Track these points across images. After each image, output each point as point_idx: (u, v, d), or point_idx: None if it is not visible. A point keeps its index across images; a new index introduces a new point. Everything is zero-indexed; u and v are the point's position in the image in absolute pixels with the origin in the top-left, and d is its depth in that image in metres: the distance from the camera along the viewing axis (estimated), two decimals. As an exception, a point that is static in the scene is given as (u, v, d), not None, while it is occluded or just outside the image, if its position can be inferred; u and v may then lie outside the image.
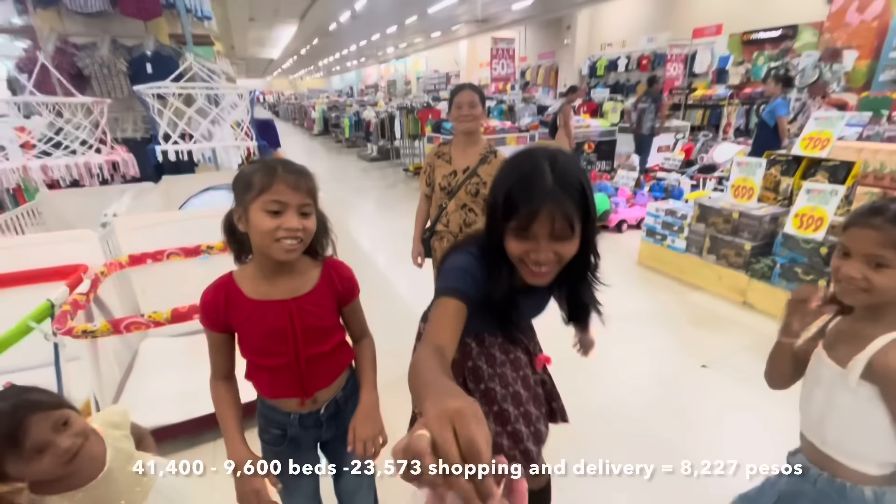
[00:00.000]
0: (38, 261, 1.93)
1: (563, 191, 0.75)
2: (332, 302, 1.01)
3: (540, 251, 0.79)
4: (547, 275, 0.82)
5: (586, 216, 0.79)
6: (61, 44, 3.25)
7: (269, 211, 0.84)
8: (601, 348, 1.49)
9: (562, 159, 0.79)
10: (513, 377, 1.12)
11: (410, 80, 21.42)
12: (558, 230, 0.77)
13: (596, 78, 11.72)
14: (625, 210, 4.64)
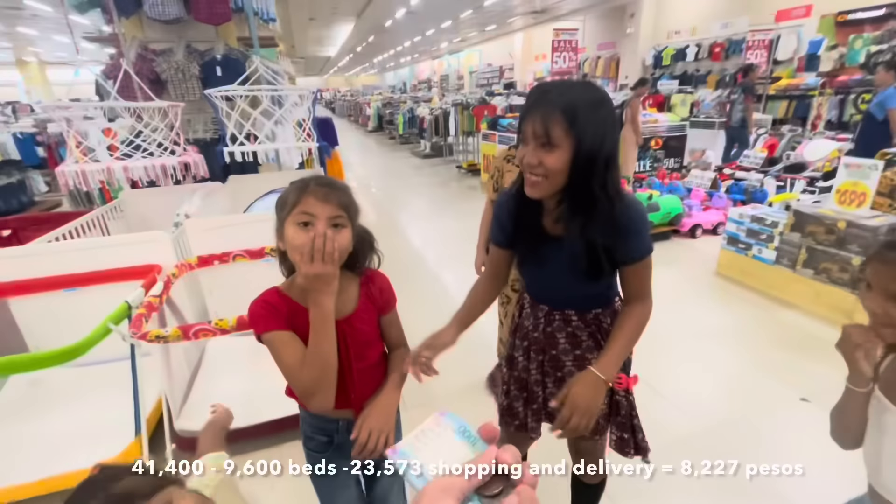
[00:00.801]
0: (118, 260, 2.03)
1: (555, 101, 0.87)
2: (374, 314, 1.02)
3: (528, 153, 0.90)
4: (538, 185, 0.92)
5: (578, 140, 0.87)
6: (142, 50, 3.43)
7: (300, 224, 0.85)
8: (675, 366, 1.37)
9: (563, 85, 0.90)
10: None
11: (463, 74, 21.27)
12: (538, 133, 0.87)
13: (661, 69, 11.00)
14: (699, 213, 4.27)
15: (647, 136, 5.83)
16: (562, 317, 1.11)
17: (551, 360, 1.14)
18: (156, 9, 3.28)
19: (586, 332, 1.11)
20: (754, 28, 7.96)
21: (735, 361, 2.47)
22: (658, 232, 4.14)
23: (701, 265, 3.64)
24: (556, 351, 1.13)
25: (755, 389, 2.25)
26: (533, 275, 1.12)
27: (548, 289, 1.13)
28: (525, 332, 1.18)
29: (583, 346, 1.11)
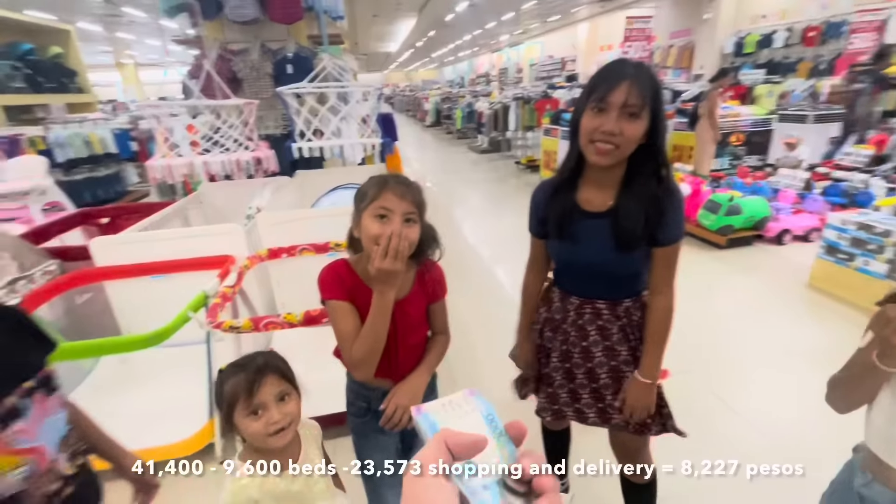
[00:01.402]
0: (198, 249, 2.15)
1: (641, 75, 0.93)
2: (424, 301, 1.11)
3: (609, 122, 0.93)
4: (609, 153, 0.96)
5: (655, 115, 0.95)
6: (222, 51, 3.63)
7: (377, 216, 0.94)
8: (753, 383, 1.35)
9: (644, 64, 0.97)
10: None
11: (523, 67, 20.83)
12: (630, 103, 0.92)
13: (742, 57, 10.08)
14: (788, 218, 3.85)
15: (727, 132, 5.36)
16: (592, 310, 1.14)
17: (582, 352, 1.16)
18: (235, 11, 3.45)
19: (617, 326, 1.13)
20: (861, 7, 7.06)
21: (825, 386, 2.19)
22: (738, 237, 3.79)
23: (789, 275, 3.28)
24: (586, 343, 1.16)
25: (849, 420, 1.98)
26: (567, 255, 1.13)
27: (580, 271, 1.14)
28: (555, 324, 1.21)
29: (613, 338, 1.14)
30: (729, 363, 2.42)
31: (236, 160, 2.85)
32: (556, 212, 1.09)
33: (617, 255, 1.03)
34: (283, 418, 0.90)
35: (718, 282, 3.40)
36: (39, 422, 0.82)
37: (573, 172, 1.07)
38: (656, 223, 1.00)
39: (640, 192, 1.00)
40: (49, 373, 0.86)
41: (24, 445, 0.79)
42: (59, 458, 0.85)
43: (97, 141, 5.98)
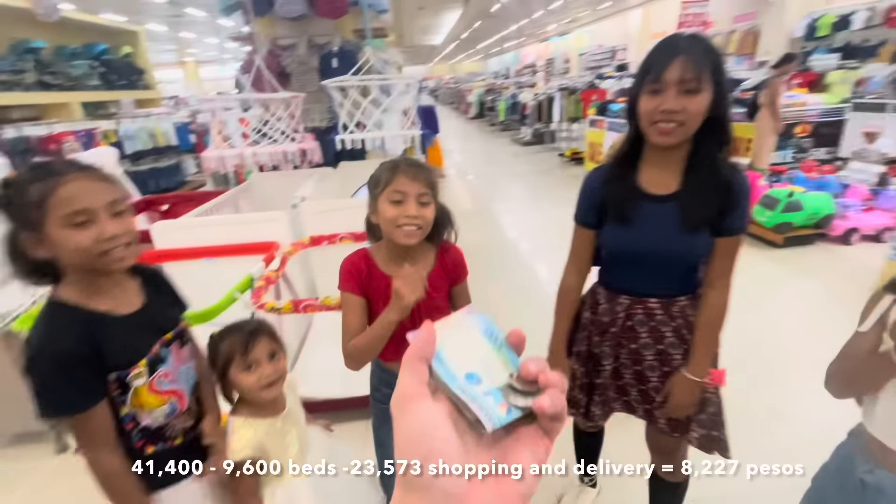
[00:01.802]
0: (246, 235, 2.29)
1: (695, 48, 0.89)
2: (446, 282, 1.11)
3: (668, 100, 0.89)
4: (673, 132, 0.91)
5: (716, 82, 0.90)
6: (272, 46, 3.79)
7: (392, 201, 0.96)
8: (811, 394, 1.26)
9: (699, 35, 0.93)
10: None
11: (570, 57, 20.22)
12: (687, 78, 0.88)
13: (815, 41, 9.27)
14: (858, 215, 3.54)
15: (791, 122, 4.98)
16: (644, 310, 1.08)
17: (630, 354, 1.11)
18: (284, 7, 3.59)
19: (670, 327, 1.07)
20: (958, -18, 6.29)
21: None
22: (797, 235, 3.53)
23: (856, 278, 3.02)
24: (635, 345, 1.10)
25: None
26: (626, 242, 1.05)
27: (638, 261, 1.06)
28: (603, 327, 1.14)
29: (665, 341, 1.07)
30: (783, 373, 2.27)
31: (283, 151, 2.98)
32: (616, 195, 1.03)
33: (681, 239, 0.98)
34: (274, 373, 1.01)
35: (774, 283, 3.19)
36: (177, 368, 0.97)
37: (631, 155, 1.03)
38: (723, 210, 0.95)
39: (707, 173, 0.96)
40: (184, 327, 1.02)
41: (167, 388, 0.94)
42: (192, 400, 1.00)
43: (160, 134, 6.42)
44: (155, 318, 0.94)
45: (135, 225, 0.87)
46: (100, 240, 0.78)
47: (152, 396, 0.90)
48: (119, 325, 0.87)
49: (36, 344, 0.82)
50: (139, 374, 0.87)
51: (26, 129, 5.41)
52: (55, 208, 0.76)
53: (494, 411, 0.28)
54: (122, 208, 0.84)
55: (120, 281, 0.91)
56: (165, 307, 0.99)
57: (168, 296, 1.03)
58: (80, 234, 0.77)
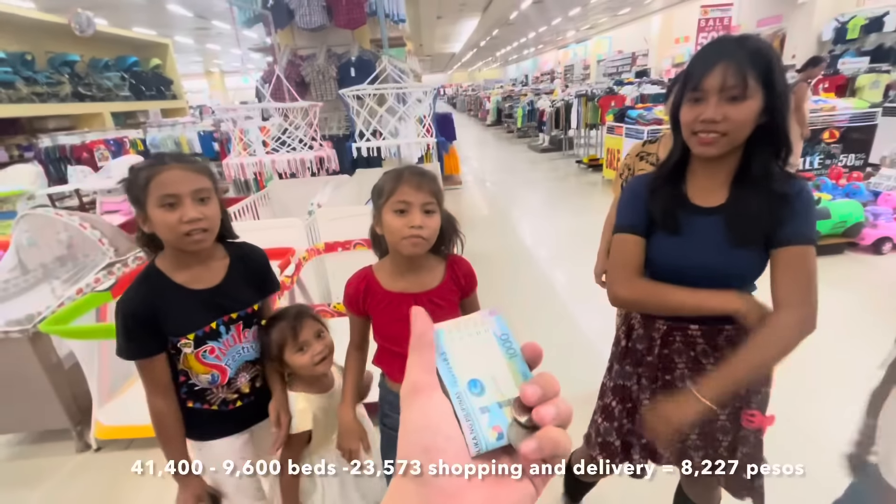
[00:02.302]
0: (263, 241, 2.30)
1: (739, 50, 0.81)
2: (457, 295, 1.09)
3: (709, 109, 0.83)
4: (714, 143, 0.85)
5: (768, 86, 0.81)
6: (292, 57, 3.88)
7: (396, 211, 0.96)
8: (844, 414, 1.15)
9: (750, 37, 0.84)
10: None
11: (589, 63, 20.11)
12: (729, 85, 0.81)
13: (845, 44, 9.00)
14: (890, 224, 3.39)
15: (819, 128, 4.83)
16: (683, 337, 0.97)
17: (664, 386, 1.00)
18: (304, 18, 3.68)
19: (713, 358, 0.96)
20: None
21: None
22: (826, 244, 3.40)
23: (888, 289, 2.89)
24: (670, 376, 0.99)
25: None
26: (673, 255, 0.95)
27: (684, 278, 0.93)
28: (638, 357, 1.05)
29: (704, 373, 0.94)
30: (812, 391, 2.18)
31: (301, 159, 3.03)
32: (663, 206, 0.95)
33: (728, 254, 0.89)
34: (324, 349, 1.13)
35: (799, 293, 3.08)
36: (229, 347, 1.07)
37: (678, 165, 0.95)
38: (781, 220, 0.85)
39: (758, 185, 0.87)
40: (255, 311, 1.11)
41: (210, 361, 1.05)
42: (241, 377, 1.10)
43: (185, 142, 6.63)
44: (224, 298, 1.04)
45: (216, 212, 0.99)
46: (182, 221, 0.92)
47: (198, 364, 1.04)
48: (185, 297, 1.00)
49: (121, 298, 1.00)
50: (186, 343, 1.01)
51: (61, 139, 5.66)
52: (153, 191, 0.92)
53: (484, 434, 0.28)
54: (206, 195, 0.96)
55: (205, 259, 1.03)
56: (242, 289, 1.08)
57: (253, 279, 1.11)
58: (168, 214, 0.92)
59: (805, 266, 0.85)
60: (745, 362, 0.85)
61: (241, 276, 1.08)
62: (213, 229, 0.98)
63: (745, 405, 0.99)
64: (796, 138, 4.53)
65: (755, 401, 1.00)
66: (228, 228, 1.10)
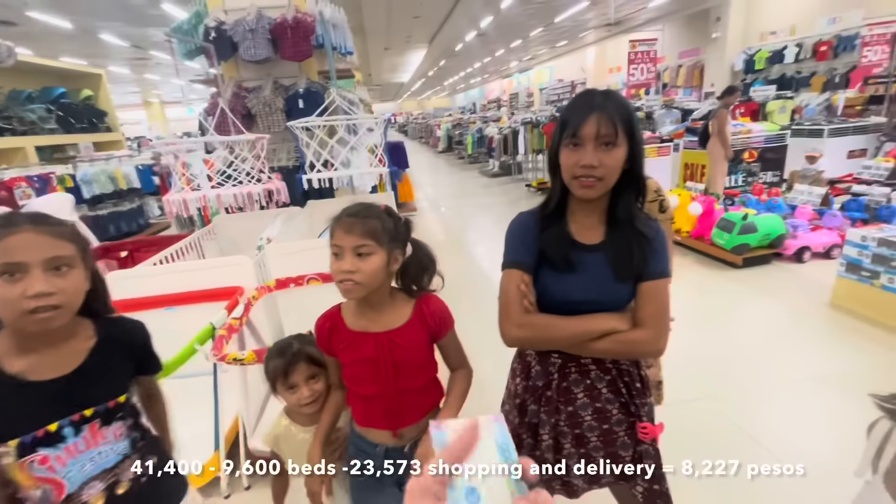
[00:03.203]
0: (209, 281, 2.20)
1: (608, 103, 0.91)
2: (424, 336, 1.04)
3: (587, 155, 0.91)
4: (594, 186, 0.93)
5: (630, 136, 0.92)
6: (237, 89, 3.80)
7: (333, 254, 0.96)
8: (781, 415, 1.20)
9: (612, 92, 0.96)
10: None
11: (533, 91, 21.15)
12: (603, 133, 0.90)
13: (754, 73, 10.07)
14: (807, 234, 3.74)
15: (739, 149, 5.31)
16: (577, 367, 1.04)
17: (568, 418, 1.04)
18: (249, 51, 3.63)
19: (605, 381, 1.03)
20: (872, 21, 7.02)
21: (856, 413, 2.07)
22: (755, 256, 3.69)
23: (810, 295, 3.16)
24: (572, 407, 1.04)
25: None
26: (565, 290, 1.00)
27: (574, 311, 0.99)
28: (537, 393, 1.07)
29: (602, 398, 1.04)
30: (749, 389, 2.32)
31: (248, 192, 2.93)
32: (553, 244, 1.00)
33: (615, 287, 0.98)
34: (311, 394, 1.15)
35: (736, 303, 3.30)
36: (73, 455, 0.83)
37: (559, 205, 1.03)
38: (644, 256, 0.97)
39: (626, 224, 0.98)
40: (122, 403, 0.90)
41: (41, 474, 0.81)
42: (88, 490, 0.86)
43: (121, 177, 6.25)
44: (80, 389, 0.84)
45: (76, 285, 0.82)
46: (25, 295, 0.75)
47: (23, 476, 0.81)
48: (13, 392, 0.80)
49: None
50: (5, 452, 0.78)
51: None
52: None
53: None
54: (65, 264, 0.80)
55: (59, 340, 0.84)
56: (107, 377, 0.89)
57: (126, 363, 0.93)
58: (8, 286, 0.75)
59: (660, 297, 0.98)
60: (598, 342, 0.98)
61: (109, 361, 0.89)
62: (67, 306, 0.80)
63: (638, 418, 1.05)
64: (722, 159, 4.96)
65: (644, 412, 1.06)
66: (104, 303, 0.93)
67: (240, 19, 3.62)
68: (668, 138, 5.89)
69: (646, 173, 1.01)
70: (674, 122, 6.84)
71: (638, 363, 1.09)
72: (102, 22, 9.06)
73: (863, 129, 5.74)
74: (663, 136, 5.87)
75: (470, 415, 1.12)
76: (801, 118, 6.93)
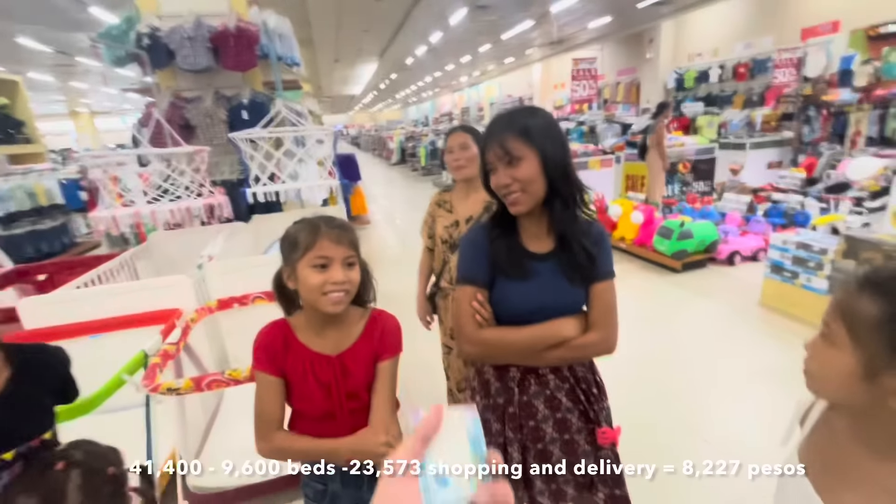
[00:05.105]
0: (141, 304, 2.03)
1: (503, 126, 0.96)
2: (370, 355, 1.00)
3: (500, 176, 0.96)
4: (519, 201, 0.97)
5: (538, 147, 0.94)
6: (174, 99, 3.59)
7: (315, 266, 0.90)
8: (720, 409, 1.25)
9: (516, 112, 0.99)
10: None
11: (483, 106, 21.67)
12: (499, 155, 0.95)
13: (684, 91, 10.88)
14: (736, 239, 4.04)
15: (674, 161, 5.68)
16: (537, 379, 1.04)
17: (530, 433, 1.04)
18: (187, 60, 3.45)
19: (563, 390, 1.04)
20: (781, 47, 7.80)
21: (789, 404, 2.23)
22: (692, 261, 3.94)
23: (742, 295, 3.40)
24: (534, 421, 1.04)
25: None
26: (521, 299, 1.01)
27: (529, 320, 1.00)
28: (500, 410, 1.05)
29: (562, 407, 1.04)
30: (692, 386, 2.44)
31: (187, 208, 2.76)
32: (504, 254, 1.02)
33: (569, 292, 1.01)
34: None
35: (678, 305, 3.49)
36: None
37: (510, 219, 1.04)
38: (591, 259, 1.00)
39: (569, 230, 1.00)
40: (44, 442, 0.81)
41: None
42: None
43: (42, 192, 5.71)
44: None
45: None
46: None
47: None
48: None
49: None
50: None
51: None
52: None
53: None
54: None
55: None
56: (26, 411, 0.80)
57: (46, 396, 0.85)
58: None
59: (607, 297, 1.01)
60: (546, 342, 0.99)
61: (25, 394, 0.80)
62: None
63: (597, 424, 1.06)
64: (660, 170, 5.28)
65: (603, 417, 1.08)
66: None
67: (176, 26, 3.44)
68: (611, 150, 6.20)
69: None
70: (615, 135, 7.22)
71: (593, 368, 1.10)
72: (20, 25, 8.33)
73: (779, 143, 6.34)
74: (605, 149, 6.17)
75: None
76: (726, 132, 7.55)
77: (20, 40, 9.28)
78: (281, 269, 0.98)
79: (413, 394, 2.38)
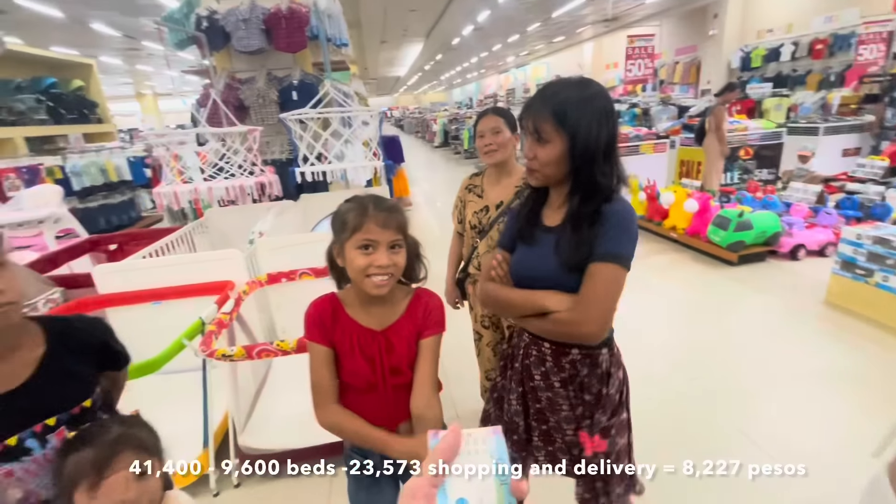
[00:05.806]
0: (198, 275, 2.16)
1: (541, 103, 0.97)
2: (413, 333, 1.01)
3: (527, 146, 1.01)
4: (533, 175, 1.03)
5: (571, 133, 0.94)
6: (229, 80, 3.74)
7: (361, 248, 0.91)
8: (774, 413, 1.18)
9: (561, 89, 0.98)
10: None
11: (530, 87, 21.08)
12: (531, 131, 0.98)
13: (750, 71, 10.06)
14: (802, 232, 3.74)
15: (735, 146, 5.30)
16: (538, 352, 1.07)
17: (531, 392, 1.10)
18: (242, 41, 3.56)
19: (559, 378, 1.05)
20: (868, 19, 7.01)
21: (851, 410, 2.07)
22: (750, 253, 3.69)
23: (806, 293, 3.16)
24: (532, 383, 1.10)
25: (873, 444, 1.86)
26: (518, 263, 1.09)
27: (531, 285, 1.03)
28: (510, 360, 1.17)
29: (553, 389, 1.06)
30: (744, 386, 2.31)
31: (240, 185, 2.89)
32: (524, 218, 1.10)
33: (559, 268, 0.98)
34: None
35: (732, 300, 3.30)
36: (44, 465, 0.80)
37: (542, 193, 1.11)
38: (596, 234, 0.95)
39: (578, 210, 0.99)
40: (85, 409, 0.86)
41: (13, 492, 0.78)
42: None
43: (112, 169, 6.16)
44: (29, 403, 0.80)
45: (10, 284, 0.76)
46: None
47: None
48: None
49: None
50: None
51: (-39, 168, 5.07)
52: None
53: None
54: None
55: (5, 352, 0.79)
56: (63, 384, 0.84)
57: (84, 363, 0.88)
58: None
59: (598, 280, 0.94)
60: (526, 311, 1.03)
61: (62, 366, 0.83)
62: (15, 307, 0.76)
63: (588, 429, 1.05)
64: (718, 156, 4.95)
65: (597, 427, 1.05)
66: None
67: (232, 9, 3.55)
68: (665, 134, 5.87)
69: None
70: (670, 118, 6.82)
71: (607, 380, 1.05)
72: (94, 11, 8.89)
73: (858, 128, 5.75)
74: (659, 133, 5.85)
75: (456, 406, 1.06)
76: (796, 116, 6.94)
77: (94, 26, 9.93)
78: (331, 244, 0.99)
79: (450, 376, 2.40)
